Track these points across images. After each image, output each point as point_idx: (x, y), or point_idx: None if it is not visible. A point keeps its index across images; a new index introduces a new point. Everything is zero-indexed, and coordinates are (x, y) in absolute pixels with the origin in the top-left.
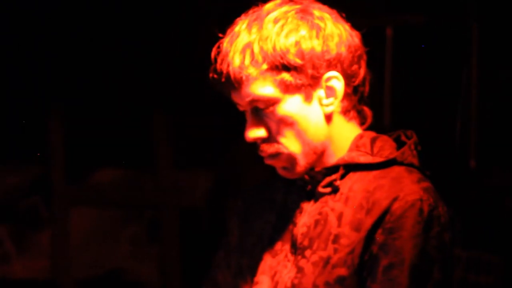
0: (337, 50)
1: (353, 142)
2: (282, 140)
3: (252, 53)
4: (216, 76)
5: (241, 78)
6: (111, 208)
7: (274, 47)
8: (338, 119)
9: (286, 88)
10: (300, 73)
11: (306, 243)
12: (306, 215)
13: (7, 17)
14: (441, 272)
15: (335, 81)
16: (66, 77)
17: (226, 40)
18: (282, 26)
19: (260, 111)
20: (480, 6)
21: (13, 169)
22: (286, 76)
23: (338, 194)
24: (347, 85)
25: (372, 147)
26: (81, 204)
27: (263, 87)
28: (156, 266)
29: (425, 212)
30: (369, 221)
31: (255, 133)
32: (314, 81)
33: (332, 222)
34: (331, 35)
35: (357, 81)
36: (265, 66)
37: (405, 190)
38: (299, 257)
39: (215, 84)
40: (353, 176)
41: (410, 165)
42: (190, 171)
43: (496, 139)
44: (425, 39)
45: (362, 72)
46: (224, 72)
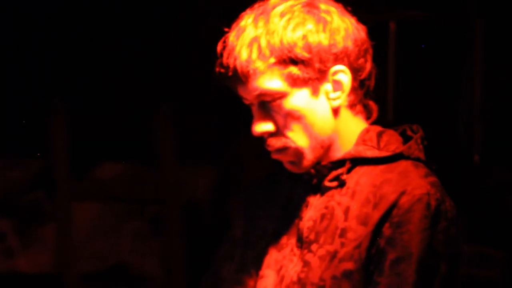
0: (344, 44)
1: (359, 136)
2: (290, 134)
3: (259, 47)
4: (222, 70)
5: (248, 72)
6: (114, 202)
7: (281, 41)
8: (345, 113)
9: (294, 81)
10: (308, 67)
11: (312, 237)
12: (312, 209)
13: (12, 17)
14: (447, 267)
15: (342, 74)
16: (69, 73)
17: (232, 35)
18: (289, 20)
19: (267, 105)
20: (483, 2)
21: (16, 163)
22: (294, 69)
23: (344, 188)
24: (353, 79)
25: (378, 141)
26: (84, 199)
27: (270, 81)
28: (159, 260)
29: (433, 207)
30: (376, 215)
31: (262, 127)
32: (321, 74)
33: (338, 216)
34: (338, 28)
35: (364, 75)
36: (272, 60)
37: (413, 184)
38: (305, 251)
39: (221, 78)
40: (360, 170)
41: (417, 159)
42: (192, 166)
43: (500, 135)
44: (429, 34)
45: (368, 66)
46: (231, 66)
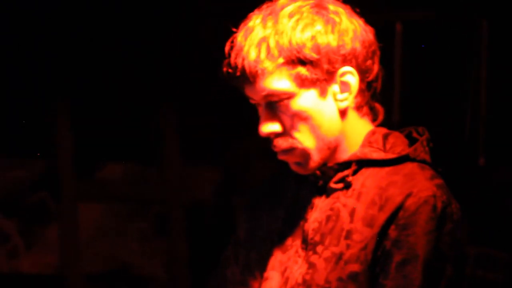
0: (352, 45)
1: (365, 138)
2: (297, 135)
3: (268, 47)
4: (230, 70)
5: (257, 72)
6: (118, 203)
7: (290, 41)
8: (352, 114)
9: (302, 82)
10: (316, 68)
11: (317, 238)
12: (318, 211)
13: (16, 18)
14: (453, 269)
15: (350, 76)
16: (73, 74)
17: (240, 35)
18: (298, 20)
19: (274, 106)
20: (489, 2)
21: (20, 164)
22: (302, 70)
23: (350, 190)
24: (361, 81)
25: (384, 143)
26: (89, 199)
27: (278, 81)
28: (163, 261)
29: (439, 209)
30: (382, 217)
31: (269, 128)
32: (329, 76)
33: (344, 218)
34: (346, 30)
35: (371, 77)
36: (281, 60)
37: (419, 186)
38: (310, 252)
39: (228, 78)
40: (365, 172)
41: (423, 161)
42: (197, 167)
43: (505, 136)
44: (434, 35)
45: (376, 68)
46: (239, 66)
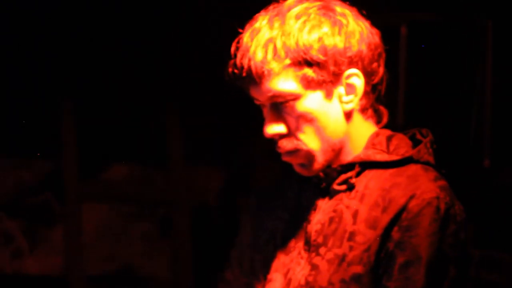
0: (359, 47)
1: (369, 140)
2: (301, 136)
3: (274, 48)
4: (236, 71)
5: (263, 72)
6: (122, 204)
7: (297, 43)
8: (357, 117)
9: (308, 84)
10: (322, 69)
11: (320, 240)
12: (321, 212)
13: (21, 19)
14: (457, 270)
15: (356, 78)
16: (78, 74)
17: (246, 35)
18: (305, 22)
19: (280, 107)
20: (495, 4)
21: (25, 165)
22: (309, 71)
23: (353, 192)
24: (366, 83)
25: (388, 145)
26: (93, 200)
27: (284, 82)
28: (167, 262)
29: (442, 210)
30: (385, 219)
31: (274, 129)
32: (335, 77)
33: (347, 220)
34: (353, 32)
35: (376, 80)
36: (288, 61)
37: (422, 188)
38: (313, 254)
39: (234, 79)
40: (369, 174)
41: (426, 163)
42: (202, 168)
43: (511, 137)
44: (440, 37)
45: (381, 70)
46: (245, 67)
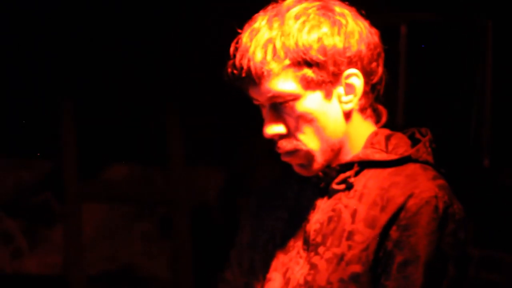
0: (358, 47)
1: (368, 140)
2: (301, 136)
3: (274, 48)
4: (235, 71)
5: (263, 73)
6: (122, 204)
7: (296, 43)
8: (356, 116)
9: (308, 84)
10: (322, 70)
11: (319, 239)
12: (319, 212)
13: (20, 19)
14: (455, 270)
15: (355, 78)
16: (78, 74)
17: (245, 36)
18: (304, 22)
19: (279, 107)
20: (495, 4)
21: (25, 164)
22: (308, 72)
23: (352, 191)
24: (365, 83)
25: (386, 145)
26: (93, 200)
27: (284, 83)
28: (167, 262)
29: (440, 209)
30: (384, 218)
31: (274, 129)
32: (335, 78)
33: (345, 219)
34: (352, 32)
35: (375, 79)
36: (287, 62)
37: (420, 187)
38: (312, 253)
39: (233, 79)
40: (368, 173)
41: (425, 162)
42: (202, 168)
43: (510, 137)
44: (439, 37)
45: (380, 70)
46: (245, 67)
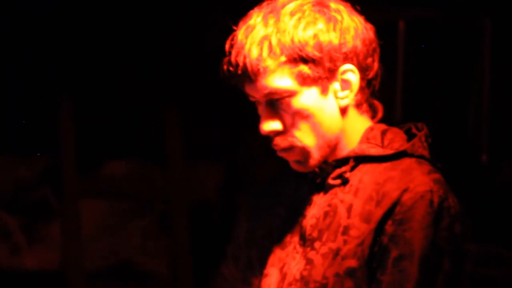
0: (353, 43)
1: (363, 135)
2: (297, 133)
3: (270, 45)
4: (231, 68)
5: (259, 70)
6: (121, 200)
7: (292, 40)
8: (352, 112)
9: (304, 80)
10: (318, 66)
11: (315, 234)
12: (316, 207)
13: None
14: (451, 264)
15: (351, 74)
16: (76, 71)
17: (240, 33)
18: (299, 19)
19: (275, 104)
20: (492, 1)
21: (23, 161)
22: (304, 68)
23: (348, 186)
24: (361, 79)
25: (382, 139)
26: (92, 196)
27: (280, 80)
28: (166, 259)
29: (435, 203)
30: (379, 213)
31: (270, 126)
32: (331, 73)
33: (341, 214)
34: (348, 28)
35: (371, 75)
36: (283, 58)
37: (415, 181)
38: (308, 248)
39: (229, 77)
40: (363, 168)
41: (421, 157)
42: (201, 165)
43: (508, 133)
44: (438, 33)
45: (376, 65)
46: (241, 64)
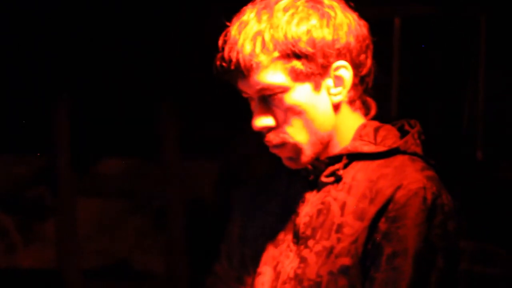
0: (347, 39)
1: (356, 132)
2: (289, 129)
3: (263, 41)
4: (224, 64)
5: (252, 65)
6: (117, 198)
7: (285, 35)
8: (345, 109)
9: (296, 76)
10: (311, 62)
11: (308, 232)
12: (309, 205)
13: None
14: (444, 261)
15: (344, 70)
16: (72, 70)
17: (233, 28)
18: (293, 14)
19: (268, 100)
20: None
21: (19, 159)
22: (297, 64)
23: (341, 184)
24: (354, 75)
25: (375, 137)
26: (87, 194)
27: (273, 75)
28: (162, 256)
29: (429, 201)
30: (372, 210)
31: (262, 122)
32: (324, 70)
33: (335, 212)
34: (341, 24)
35: (364, 71)
36: (276, 54)
37: (409, 178)
38: (302, 247)
39: (222, 72)
40: (356, 166)
41: (414, 154)
42: (196, 162)
43: (503, 131)
44: (433, 30)
45: (369, 62)
46: (234, 60)
